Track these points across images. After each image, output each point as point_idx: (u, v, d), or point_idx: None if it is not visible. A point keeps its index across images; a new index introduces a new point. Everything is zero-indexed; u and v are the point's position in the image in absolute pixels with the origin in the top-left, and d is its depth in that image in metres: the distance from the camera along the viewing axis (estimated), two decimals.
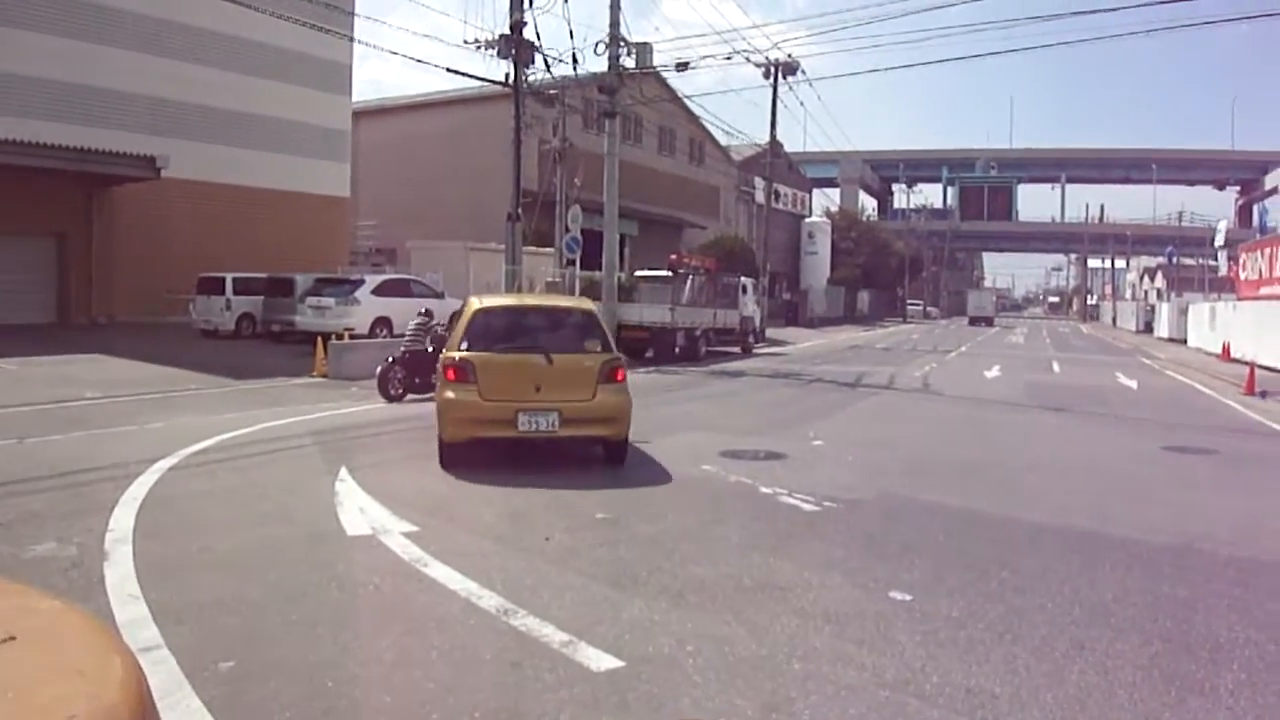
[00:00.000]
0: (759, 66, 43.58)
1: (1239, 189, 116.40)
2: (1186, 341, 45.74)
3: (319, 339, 21.22)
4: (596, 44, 27.54)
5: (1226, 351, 34.59)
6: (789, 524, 8.32)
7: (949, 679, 4.91)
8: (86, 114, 30.79)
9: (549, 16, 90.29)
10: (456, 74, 27.72)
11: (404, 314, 22.00)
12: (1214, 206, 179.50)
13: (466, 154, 42.82)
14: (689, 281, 32.37)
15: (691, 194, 58.57)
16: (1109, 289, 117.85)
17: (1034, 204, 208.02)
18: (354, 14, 35.76)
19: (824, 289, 73.71)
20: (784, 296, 67.61)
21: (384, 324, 25.68)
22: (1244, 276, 40.11)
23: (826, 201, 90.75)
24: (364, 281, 27.30)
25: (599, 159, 29.27)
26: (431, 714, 4.38)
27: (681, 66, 32.92)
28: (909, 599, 6.26)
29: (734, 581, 6.53)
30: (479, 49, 26.42)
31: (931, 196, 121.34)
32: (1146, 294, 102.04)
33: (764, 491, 9.65)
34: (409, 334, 17.38)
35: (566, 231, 29.51)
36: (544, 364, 10.59)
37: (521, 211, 27.35)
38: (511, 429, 10.32)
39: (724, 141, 60.47)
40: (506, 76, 26.98)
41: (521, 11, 25.81)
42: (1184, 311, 49.85)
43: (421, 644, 5.21)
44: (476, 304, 11.71)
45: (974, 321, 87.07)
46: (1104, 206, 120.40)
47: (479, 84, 29.41)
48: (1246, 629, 5.80)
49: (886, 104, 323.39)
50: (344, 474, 9.72)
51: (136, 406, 14.98)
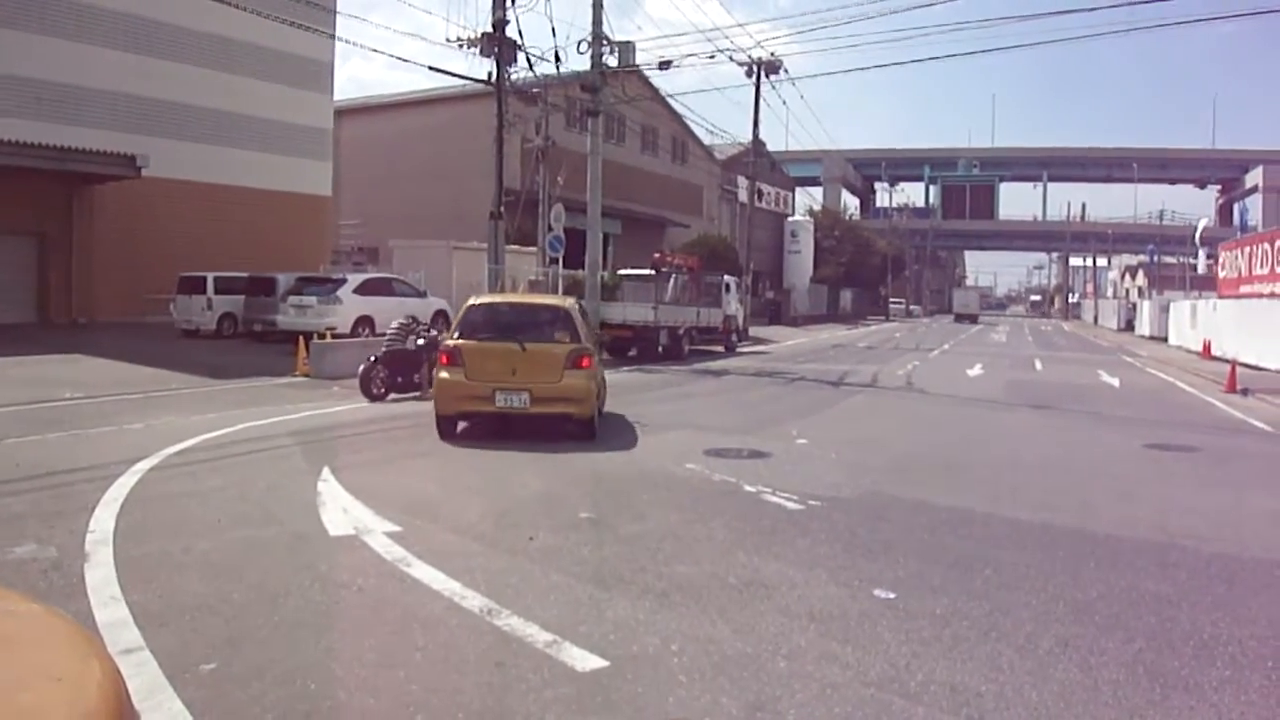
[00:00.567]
0: (742, 65, 43.70)
1: (1220, 187, 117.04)
2: (1168, 339, 45.99)
3: (301, 338, 21.11)
4: (579, 42, 27.54)
5: (1207, 349, 34.79)
6: (773, 522, 8.31)
7: (933, 677, 4.91)
8: (67, 113, 30.58)
9: (531, 15, 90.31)
10: (439, 72, 27.65)
11: (386, 313, 21.95)
12: (1195, 205, 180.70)
13: (449, 153, 42.72)
14: (672, 280, 32.39)
15: (674, 193, 58.58)
16: (1090, 287, 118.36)
17: (1016, 203, 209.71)
18: (335, 12, 35.65)
19: (807, 288, 73.85)
20: (767, 295, 67.73)
21: (366, 323, 25.57)
22: (1223, 275, 40.34)
23: (809, 200, 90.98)
24: (346, 281, 27.20)
25: (582, 158, 29.25)
26: (415, 715, 4.36)
27: (664, 65, 32.99)
28: (893, 597, 6.26)
29: (718, 580, 6.52)
30: (461, 47, 26.39)
31: (914, 195, 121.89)
32: (1128, 292, 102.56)
33: (748, 490, 9.64)
34: (390, 333, 17.32)
35: (549, 230, 29.49)
36: (519, 351, 12.28)
37: (504, 210, 27.30)
38: (490, 405, 12.14)
39: (707, 140, 60.51)
40: (489, 75, 26.94)
41: (504, 10, 25.77)
42: (1165, 310, 50.11)
43: (405, 645, 5.18)
44: (472, 300, 13.72)
45: (959, 318, 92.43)
46: (1085, 205, 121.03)
47: (461, 82, 29.34)
48: (1230, 625, 5.82)
49: (869, 103, 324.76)
50: (326, 474, 9.67)
51: (117, 407, 14.89)
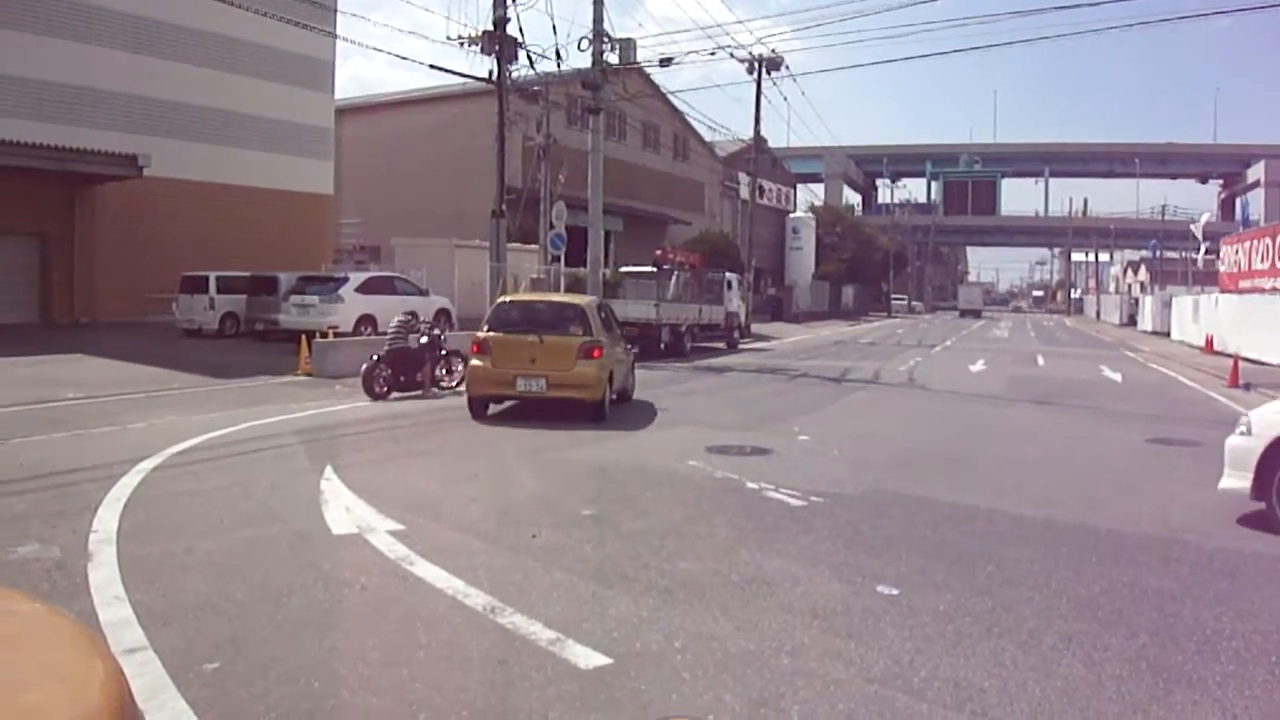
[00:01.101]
0: (743, 62, 43.64)
1: (1222, 182, 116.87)
2: (1170, 334, 45.94)
3: (303, 337, 21.14)
4: (580, 40, 27.54)
5: (1210, 344, 34.74)
6: (776, 519, 8.31)
7: (937, 673, 4.91)
8: (68, 113, 30.58)
9: (532, 12, 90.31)
10: (440, 71, 27.62)
11: (388, 312, 21.93)
12: (1197, 200, 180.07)
13: (450, 151, 42.69)
14: (674, 277, 32.40)
15: (676, 190, 58.58)
16: (1093, 283, 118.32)
17: (1017, 198, 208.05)
18: (336, 10, 35.65)
19: (809, 284, 73.78)
20: (769, 292, 67.68)
21: (368, 322, 25.58)
22: (1224, 269, 40.30)
23: (811, 197, 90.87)
24: (348, 279, 27.20)
25: (583, 155, 29.23)
26: (419, 714, 4.36)
27: (665, 62, 32.94)
28: (896, 593, 6.26)
29: (721, 577, 6.52)
30: (462, 45, 26.39)
31: (915, 191, 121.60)
32: (1130, 287, 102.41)
33: (750, 487, 9.64)
34: (392, 332, 17.33)
35: (551, 228, 29.49)
36: (538, 343, 14.20)
37: (506, 208, 27.30)
38: (512, 389, 14.23)
39: (708, 137, 60.52)
40: (490, 73, 26.93)
41: (504, 8, 25.77)
42: (1167, 305, 50.05)
43: (408, 643, 5.19)
44: (501, 299, 16.43)
45: (964, 314, 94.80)
46: (1087, 200, 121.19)
47: (462, 81, 29.32)
48: (1233, 620, 5.82)
49: (870, 99, 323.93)
50: (329, 473, 9.68)
51: (119, 406, 14.91)
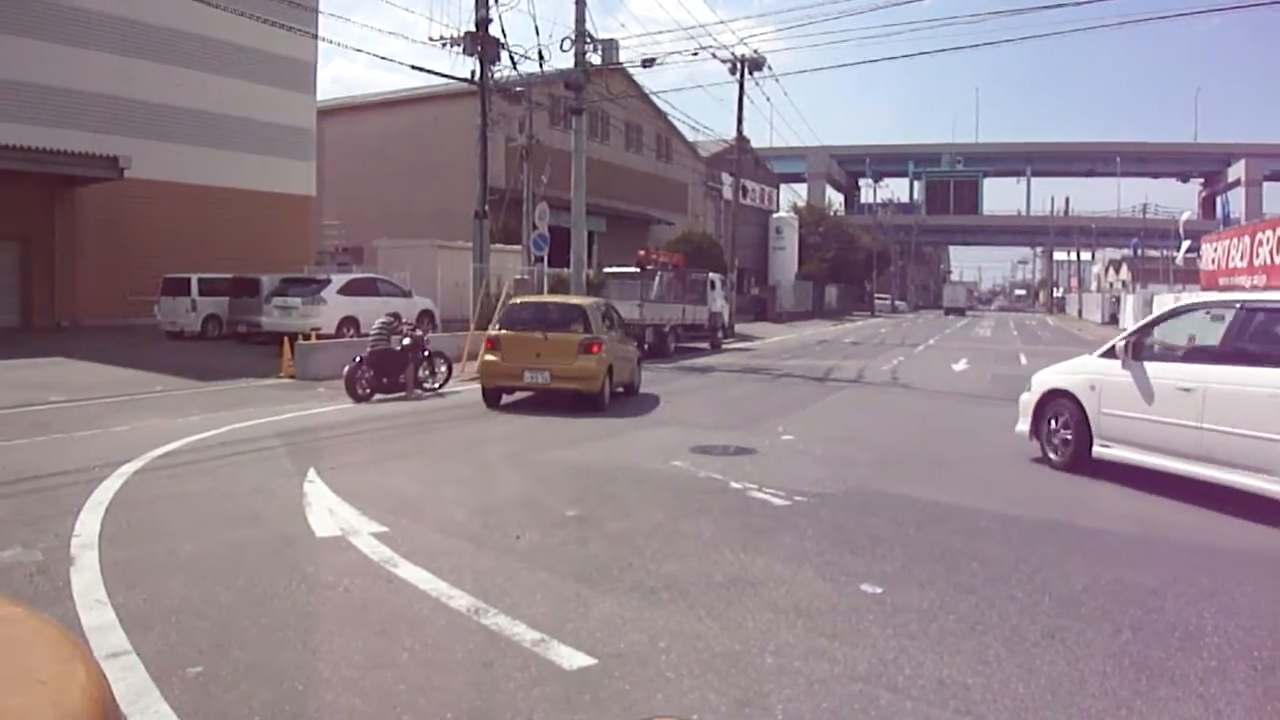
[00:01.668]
0: (725, 62, 43.65)
1: (1203, 181, 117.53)
2: None
3: (285, 339, 21.06)
4: (562, 40, 27.51)
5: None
6: (760, 519, 8.32)
7: (921, 671, 4.92)
8: (48, 114, 30.45)
9: (514, 13, 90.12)
10: (422, 71, 27.64)
11: (371, 313, 21.90)
12: (1178, 199, 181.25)
13: (433, 152, 42.65)
14: (657, 278, 32.42)
15: (659, 190, 58.62)
16: (1075, 281, 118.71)
17: (1000, 197, 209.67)
18: (318, 11, 35.60)
19: (792, 284, 73.90)
20: (752, 292, 67.80)
21: (351, 324, 25.52)
22: (1205, 268, 40.49)
23: (794, 197, 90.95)
24: (330, 281, 27.12)
25: (566, 156, 29.21)
26: (403, 716, 4.35)
27: (648, 62, 32.95)
28: (880, 592, 6.27)
29: (705, 577, 6.52)
30: (444, 46, 26.39)
31: (898, 191, 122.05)
32: (1112, 286, 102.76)
33: (734, 486, 9.65)
34: (374, 334, 17.29)
35: (534, 229, 29.43)
36: (543, 339, 15.72)
37: (489, 209, 27.28)
38: (520, 380, 15.76)
39: (691, 137, 60.58)
40: (472, 74, 26.93)
41: (487, 8, 25.77)
42: (1149, 303, 50.17)
43: (392, 645, 5.17)
44: (513, 300, 18.15)
45: (949, 312, 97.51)
46: (1069, 199, 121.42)
47: (445, 81, 29.31)
48: (1216, 616, 5.85)
49: (853, 99, 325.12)
50: (312, 475, 9.66)
51: (101, 410, 14.84)
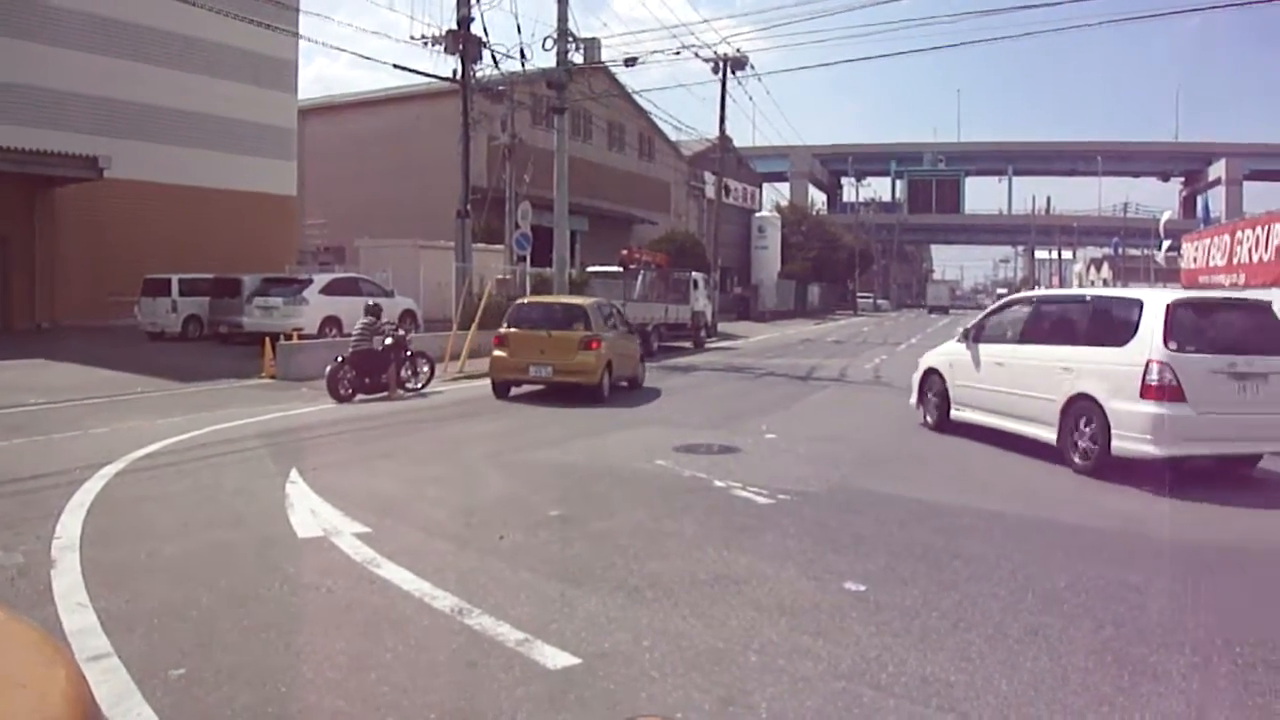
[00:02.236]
0: (707, 61, 43.62)
1: (1183, 180, 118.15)
2: None
3: (267, 340, 20.95)
4: (544, 39, 27.41)
5: None
6: (743, 517, 8.33)
7: (904, 668, 4.94)
8: (27, 114, 30.19)
9: (496, 12, 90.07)
10: (404, 70, 27.54)
11: (353, 313, 21.79)
12: (1159, 198, 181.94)
13: (415, 151, 42.49)
14: (640, 277, 32.45)
15: (641, 189, 58.59)
16: (1056, 280, 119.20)
17: (981, 196, 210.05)
18: (299, 10, 35.46)
19: (775, 283, 73.98)
20: (735, 291, 67.85)
21: (333, 324, 25.42)
22: (1185, 266, 40.73)
23: (776, 196, 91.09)
24: (312, 281, 27.03)
25: (548, 155, 29.17)
26: (386, 716, 4.34)
27: (630, 62, 32.91)
28: (863, 589, 6.28)
29: (689, 576, 6.53)
30: (426, 45, 26.33)
31: (880, 190, 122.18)
32: (1093, 284, 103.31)
33: (718, 485, 9.66)
34: (356, 334, 17.24)
35: (516, 228, 29.39)
36: (547, 336, 16.99)
37: (471, 208, 27.24)
38: (526, 374, 17.05)
39: (673, 137, 60.55)
40: (454, 73, 26.87)
41: (469, 7, 25.71)
42: None
43: (375, 646, 5.16)
44: (519, 301, 20.01)
45: (932, 310, 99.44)
46: (1050, 198, 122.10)
47: (427, 80, 29.23)
48: (1198, 612, 5.89)
49: (835, 99, 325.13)
50: (294, 476, 9.62)
51: (82, 411, 14.75)
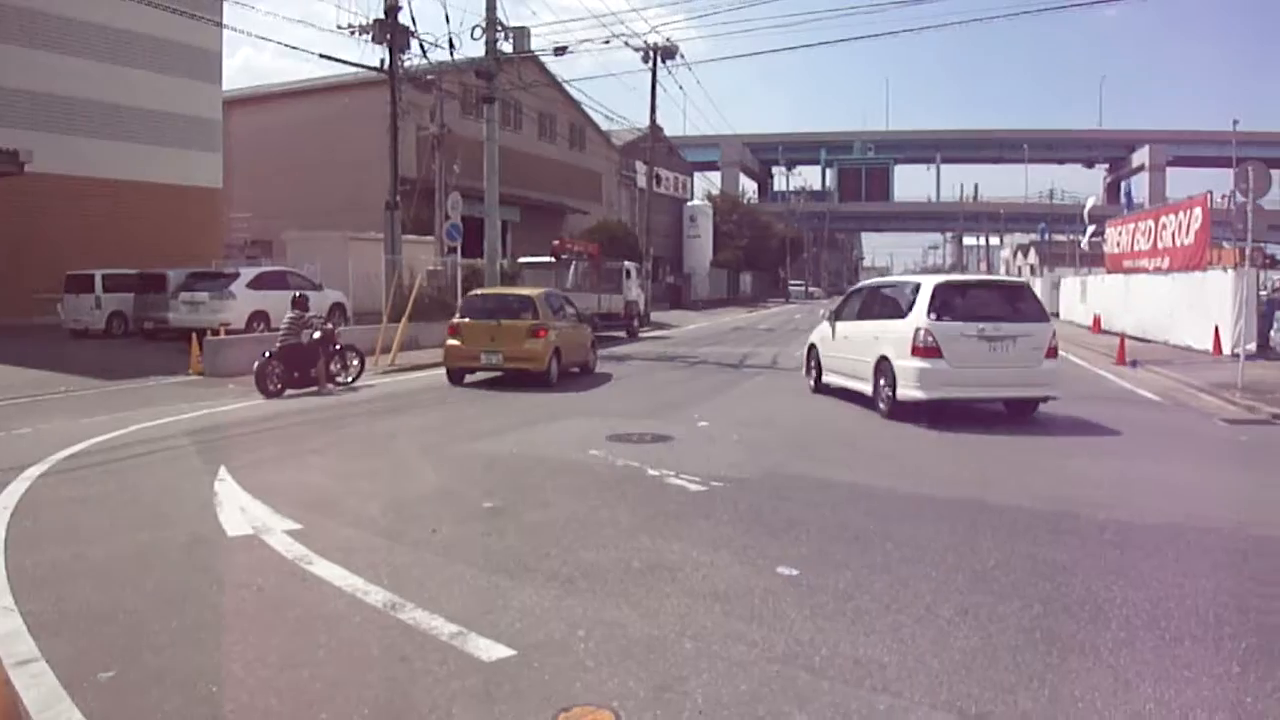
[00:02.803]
0: (638, 51, 43.70)
1: (1107, 167, 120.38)
2: (1059, 315, 47.06)
3: (194, 336, 20.73)
4: (473, 28, 27.27)
5: (1097, 324, 35.75)
6: (677, 505, 8.36)
7: (837, 650, 4.98)
8: None
9: (424, 0, 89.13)
10: (330, 60, 27.27)
11: (281, 307, 21.56)
12: (1084, 184, 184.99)
13: (343, 142, 42.07)
14: (572, 267, 32.47)
15: (573, 179, 58.51)
16: (984, 266, 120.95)
17: (910, 184, 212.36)
18: None
19: (707, 272, 74.36)
20: (668, 280, 68.07)
21: (261, 318, 25.12)
22: (1110, 251, 41.49)
23: (708, 185, 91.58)
24: (239, 275, 26.63)
25: (479, 145, 29.04)
26: (320, 714, 4.30)
27: (560, 51, 32.83)
28: (796, 574, 6.33)
29: (623, 564, 6.54)
30: (353, 34, 26.09)
31: (810, 178, 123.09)
32: (1020, 270, 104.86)
33: (651, 474, 9.68)
34: (284, 328, 17.06)
35: (447, 219, 29.23)
36: (496, 325, 17.90)
37: (400, 200, 27.08)
38: (477, 361, 18.01)
39: (605, 126, 60.59)
40: (382, 62, 26.66)
41: None
42: (1056, 286, 51.23)
43: (308, 644, 5.11)
44: (472, 292, 21.32)
45: None
46: (978, 185, 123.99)
47: (355, 70, 28.97)
48: (1124, 589, 6.00)
49: (765, 88, 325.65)
50: (223, 473, 9.50)
51: (3, 412, 14.49)
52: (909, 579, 6.21)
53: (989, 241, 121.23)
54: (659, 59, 44.65)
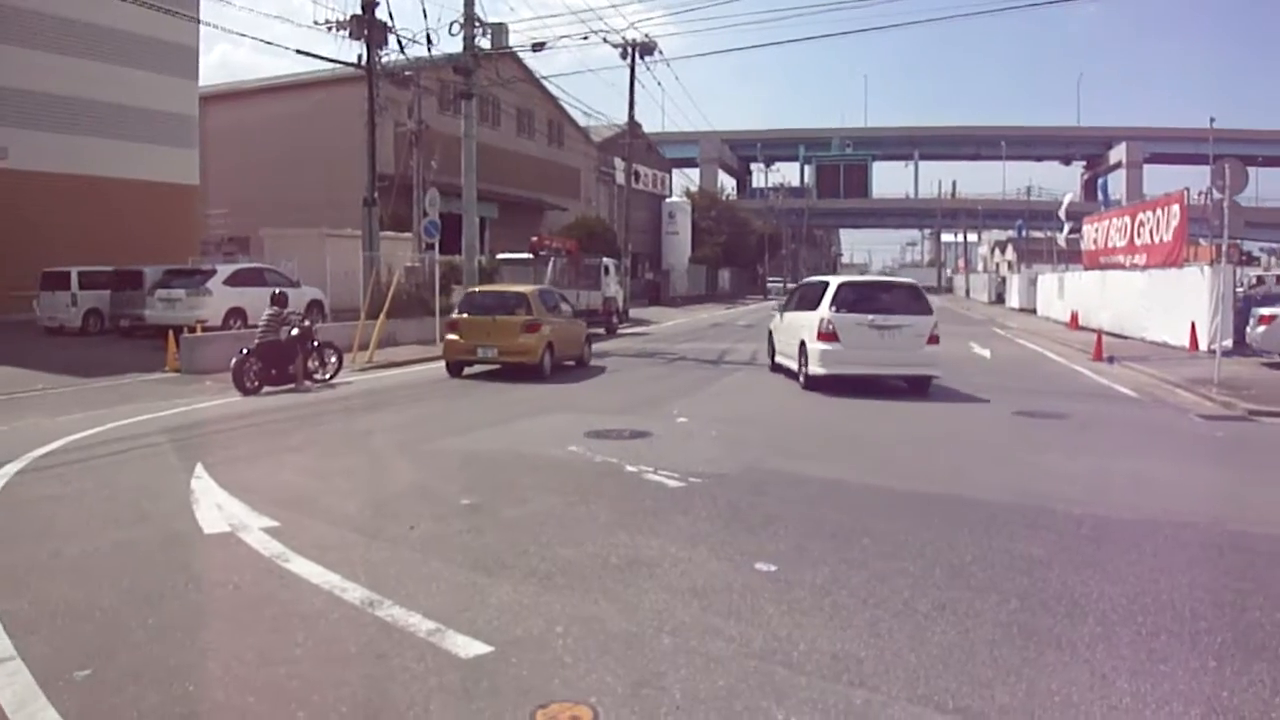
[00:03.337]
0: (616, 47, 43.53)
1: (1085, 163, 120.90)
2: (1036, 311, 47.32)
3: (170, 333, 20.62)
4: (451, 24, 27.16)
5: (1075, 320, 35.97)
6: (655, 501, 8.37)
7: (815, 646, 5.00)
8: None
9: None
10: (307, 56, 27.17)
11: (258, 304, 21.44)
12: (1061, 181, 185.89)
13: (321, 138, 41.85)
14: (551, 264, 32.40)
15: (552, 176, 58.41)
16: (962, 262, 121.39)
17: (888, 181, 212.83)
18: None
19: (686, 268, 74.30)
20: (646, 276, 68.05)
21: (238, 315, 24.97)
22: (1086, 247, 41.73)
23: (686, 181, 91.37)
24: (216, 272, 26.44)
25: (456, 141, 28.96)
26: (297, 712, 4.28)
27: (538, 47, 32.75)
28: (774, 569, 6.35)
29: (601, 561, 6.55)
30: (330, 30, 25.94)
31: (789, 175, 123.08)
32: (998, 266, 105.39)
33: (630, 470, 9.69)
34: (262, 325, 16.98)
35: (425, 215, 29.13)
36: (492, 321, 18.73)
37: (378, 196, 26.96)
38: (474, 355, 18.78)
39: (583, 123, 60.55)
40: (359, 58, 26.53)
41: None
42: (1034, 282, 51.54)
43: (285, 641, 5.09)
44: (469, 289, 22.34)
45: None
46: (956, 182, 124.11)
47: (332, 66, 28.82)
48: (1100, 584, 6.05)
49: (744, 85, 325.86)
50: (200, 471, 9.45)
51: None
52: (886, 574, 6.24)
53: (967, 238, 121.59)
54: (637, 55, 44.54)
